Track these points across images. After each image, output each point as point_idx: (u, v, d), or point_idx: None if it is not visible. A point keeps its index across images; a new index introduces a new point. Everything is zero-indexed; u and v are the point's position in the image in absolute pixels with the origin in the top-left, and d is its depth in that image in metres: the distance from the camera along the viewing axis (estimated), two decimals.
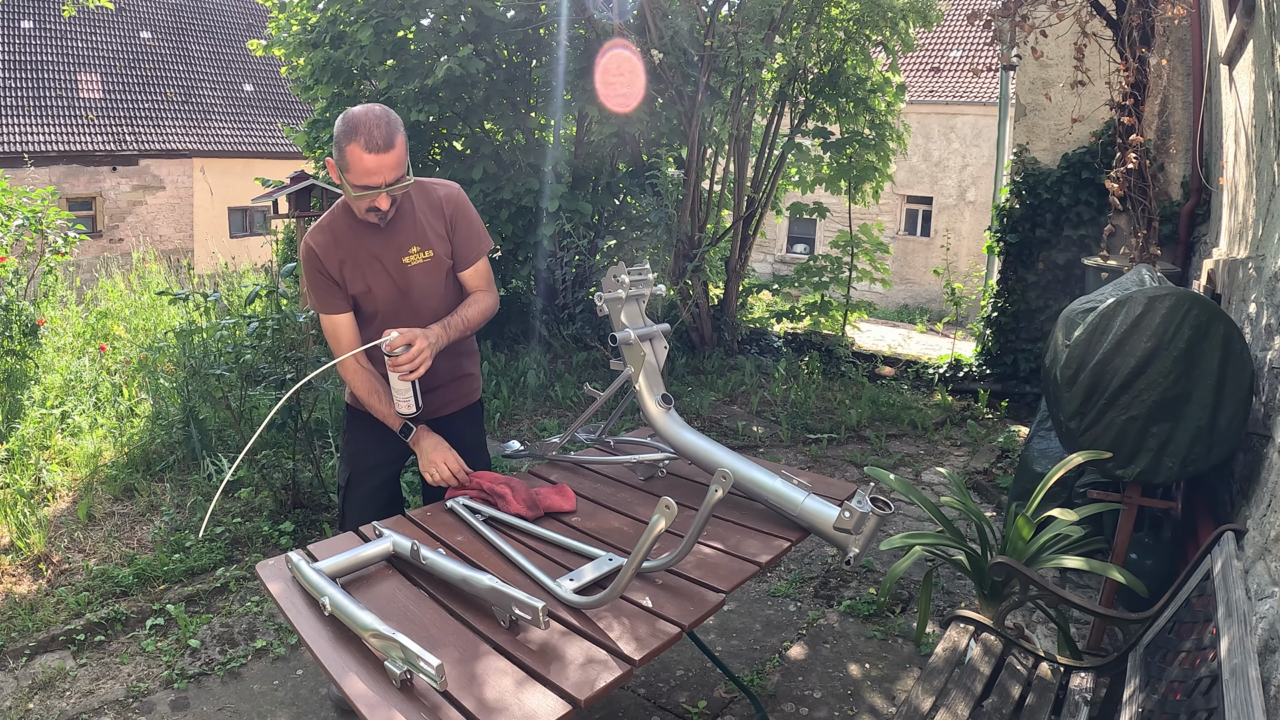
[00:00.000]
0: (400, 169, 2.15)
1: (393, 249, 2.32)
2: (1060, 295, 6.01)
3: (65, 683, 2.80)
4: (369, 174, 2.11)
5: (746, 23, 6.08)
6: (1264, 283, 2.73)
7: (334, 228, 2.32)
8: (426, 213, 2.35)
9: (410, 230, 2.33)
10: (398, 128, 2.14)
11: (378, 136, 2.09)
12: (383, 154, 2.09)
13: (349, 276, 2.33)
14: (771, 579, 3.65)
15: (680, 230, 6.58)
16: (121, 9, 16.58)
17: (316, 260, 2.31)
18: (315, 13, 6.87)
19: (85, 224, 13.58)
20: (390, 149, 2.10)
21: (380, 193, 2.14)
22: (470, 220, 2.42)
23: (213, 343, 4.73)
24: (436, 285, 2.40)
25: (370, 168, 2.10)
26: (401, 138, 2.14)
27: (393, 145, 2.10)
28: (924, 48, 17.64)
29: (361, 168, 2.10)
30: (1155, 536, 3.14)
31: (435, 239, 2.35)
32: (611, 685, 1.56)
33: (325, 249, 2.31)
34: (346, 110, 2.15)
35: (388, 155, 2.10)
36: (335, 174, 2.20)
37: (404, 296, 2.36)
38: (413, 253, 2.33)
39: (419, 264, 2.34)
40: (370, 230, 2.30)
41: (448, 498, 2.32)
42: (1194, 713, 1.62)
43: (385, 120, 2.11)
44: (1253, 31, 3.31)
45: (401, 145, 2.14)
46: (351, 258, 2.32)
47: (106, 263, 10.16)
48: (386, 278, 2.33)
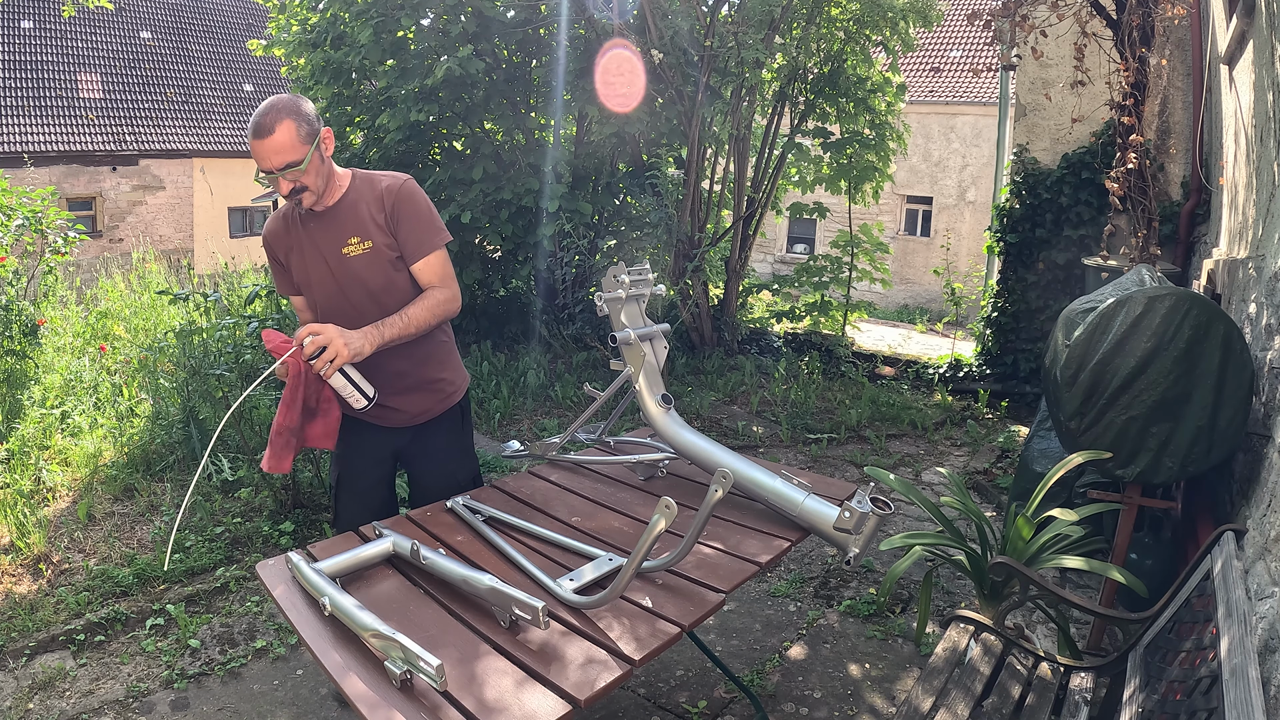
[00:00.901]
0: (287, 154, 2.14)
1: (332, 239, 2.33)
2: (1060, 295, 6.01)
3: (65, 683, 2.80)
4: (260, 158, 2.15)
5: (746, 23, 6.08)
6: (1264, 283, 2.73)
7: (286, 216, 2.39)
8: (369, 204, 2.33)
9: (350, 220, 2.32)
10: (289, 114, 2.14)
11: (262, 123, 2.12)
12: (264, 139, 2.12)
13: (294, 264, 2.39)
14: (771, 579, 3.65)
15: (680, 230, 6.58)
16: (121, 9, 16.58)
17: (268, 245, 2.43)
18: (315, 13, 6.87)
19: (85, 224, 13.58)
20: (270, 134, 2.12)
21: (276, 178, 2.18)
22: (416, 212, 2.34)
23: (213, 343, 4.73)
24: (377, 278, 2.33)
25: (256, 152, 2.15)
26: (289, 124, 2.13)
27: (273, 130, 2.11)
28: (924, 48, 17.64)
29: (252, 152, 2.16)
30: (1155, 536, 3.14)
31: (375, 229, 2.31)
32: (611, 685, 1.56)
33: (275, 235, 2.40)
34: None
35: (267, 140, 2.12)
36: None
37: (342, 289, 2.34)
38: (352, 243, 2.31)
39: (358, 255, 2.31)
40: (315, 220, 2.33)
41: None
42: (1194, 713, 1.61)
43: (279, 106, 2.15)
44: (1253, 31, 3.31)
45: (288, 131, 2.13)
46: (297, 245, 2.37)
47: (106, 263, 10.16)
48: (324, 268, 2.34)
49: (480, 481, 2.63)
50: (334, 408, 2.28)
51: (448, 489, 2.48)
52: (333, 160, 2.33)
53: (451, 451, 2.54)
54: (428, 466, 2.54)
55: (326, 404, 2.27)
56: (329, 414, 2.28)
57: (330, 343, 2.09)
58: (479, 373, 6.32)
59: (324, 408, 2.27)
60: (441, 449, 2.49)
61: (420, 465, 2.55)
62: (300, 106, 2.18)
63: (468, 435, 2.64)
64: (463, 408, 2.58)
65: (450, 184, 6.46)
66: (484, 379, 6.21)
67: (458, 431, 2.57)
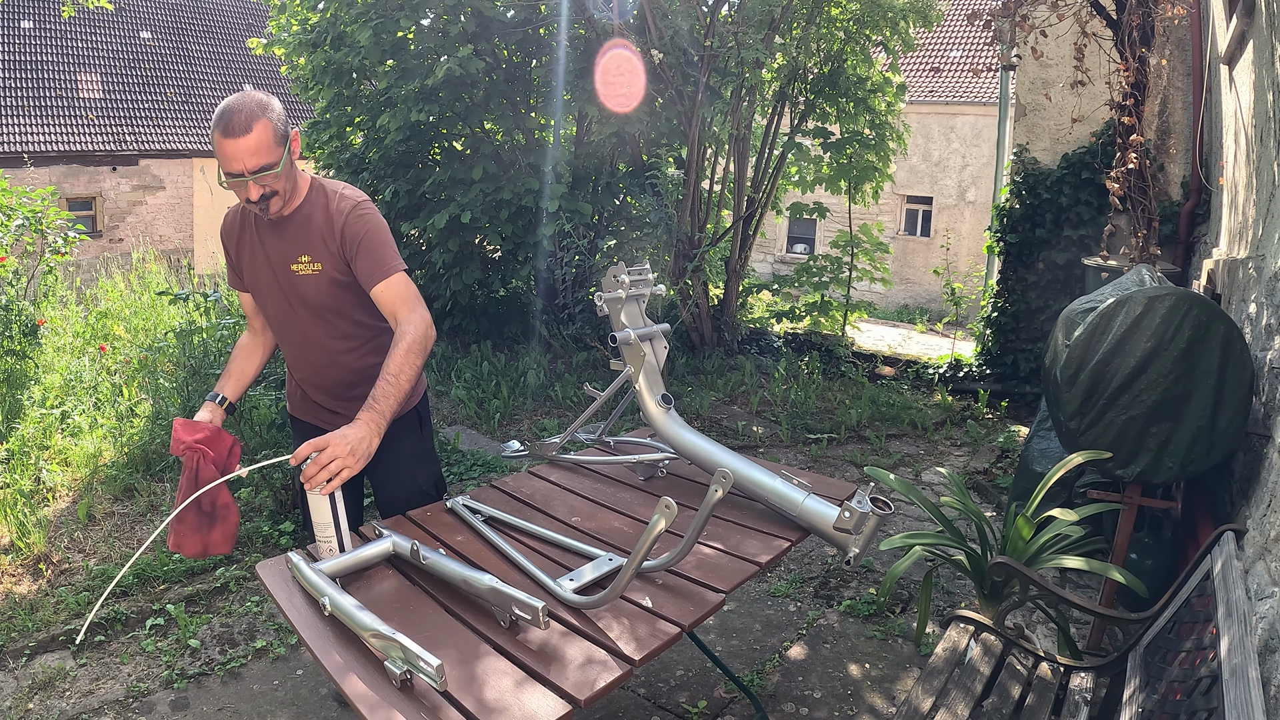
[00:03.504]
0: (263, 156, 1.99)
1: (283, 253, 2.19)
2: (1060, 295, 6.01)
3: (65, 683, 2.80)
4: (228, 159, 1.99)
5: (746, 23, 6.08)
6: (1264, 283, 2.73)
7: (243, 212, 2.25)
8: (323, 222, 2.17)
9: (302, 236, 2.17)
10: (264, 113, 1.99)
11: (236, 121, 1.96)
12: (239, 138, 1.96)
13: (244, 266, 2.30)
14: (771, 579, 3.65)
15: (680, 230, 6.58)
16: (121, 9, 16.57)
17: (223, 236, 2.32)
18: (315, 13, 6.88)
19: (85, 224, 13.59)
20: (247, 133, 1.96)
21: (244, 181, 2.01)
22: (369, 238, 2.15)
23: (213, 343, 4.73)
24: (326, 299, 2.21)
25: (227, 153, 1.98)
26: (266, 123, 1.98)
27: (249, 130, 1.96)
28: (924, 48, 17.63)
29: (221, 153, 1.99)
30: (1155, 536, 3.14)
31: (325, 253, 2.17)
32: (611, 685, 1.56)
33: (229, 231, 2.29)
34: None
35: (244, 140, 1.96)
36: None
37: (290, 306, 2.23)
38: (302, 261, 2.18)
39: (307, 275, 2.18)
40: (268, 228, 2.19)
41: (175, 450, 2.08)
42: (1194, 713, 1.61)
43: (251, 104, 1.99)
44: (1253, 31, 3.31)
45: (264, 131, 1.98)
46: (249, 249, 2.25)
47: (106, 263, 10.16)
48: (273, 281, 2.23)
49: (443, 485, 2.56)
50: (231, 513, 2.08)
51: (409, 494, 2.42)
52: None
53: (411, 456, 2.45)
54: (389, 474, 2.45)
55: (224, 510, 2.08)
56: (227, 519, 2.08)
57: (336, 458, 1.84)
58: (479, 373, 6.32)
59: (221, 513, 2.07)
60: (401, 454, 2.40)
61: (382, 472, 2.44)
62: (272, 104, 2.04)
63: (427, 439, 2.55)
64: (420, 412, 2.50)
65: (450, 184, 6.46)
66: (484, 379, 6.21)
67: (416, 435, 2.48)
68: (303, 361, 2.34)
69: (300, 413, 2.47)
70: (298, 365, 2.37)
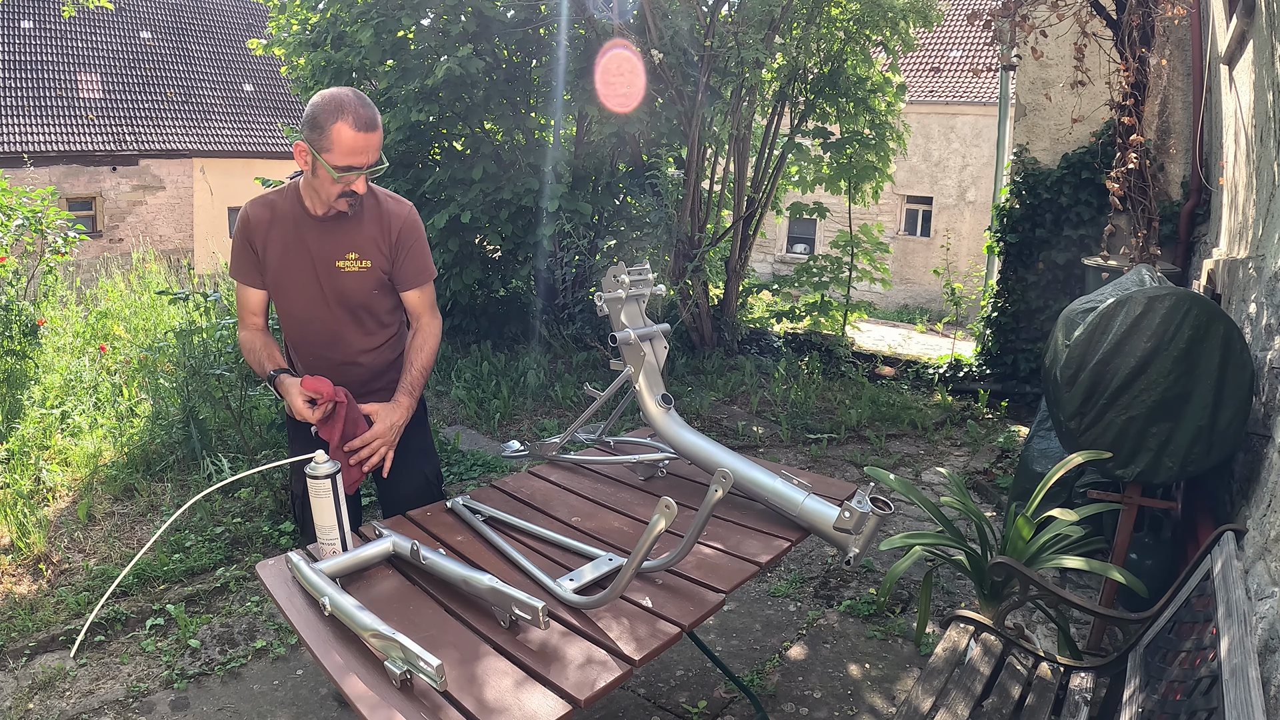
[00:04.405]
0: (378, 153, 2.14)
1: (329, 249, 2.25)
2: (1060, 295, 6.01)
3: (65, 683, 2.80)
4: (354, 153, 2.07)
5: (746, 23, 6.08)
6: (1264, 283, 2.73)
7: (275, 207, 2.26)
8: (374, 221, 2.28)
9: (353, 234, 2.26)
10: (379, 114, 2.14)
11: (365, 115, 2.07)
12: (370, 133, 2.08)
13: (271, 260, 2.26)
14: (771, 579, 3.65)
15: (680, 230, 6.58)
16: (121, 9, 16.58)
17: (248, 229, 2.27)
18: (315, 13, 6.88)
19: (85, 224, 13.59)
20: (375, 129, 2.10)
21: (360, 174, 2.12)
22: (418, 244, 2.35)
23: (213, 343, 4.73)
24: (365, 296, 2.32)
25: (357, 146, 2.07)
26: (380, 120, 2.14)
27: (377, 127, 2.10)
28: (924, 48, 17.63)
29: (348, 146, 2.06)
30: (1155, 536, 3.14)
31: (376, 251, 2.28)
32: (611, 685, 1.56)
33: (259, 222, 2.25)
34: (321, 92, 2.11)
35: (374, 135, 2.09)
36: (303, 158, 2.14)
37: (324, 300, 2.29)
38: (349, 258, 2.26)
39: (353, 271, 2.27)
40: (312, 223, 2.24)
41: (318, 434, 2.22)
42: (1194, 713, 1.61)
43: (368, 101, 2.11)
44: (1253, 31, 3.31)
45: (381, 130, 2.14)
46: (281, 242, 2.25)
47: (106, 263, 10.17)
48: (311, 276, 2.26)
49: (441, 478, 2.60)
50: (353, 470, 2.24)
51: (416, 488, 2.46)
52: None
53: (417, 450, 2.49)
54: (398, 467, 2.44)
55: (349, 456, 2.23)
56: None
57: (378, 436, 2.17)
58: (479, 373, 6.32)
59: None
60: (409, 447, 2.42)
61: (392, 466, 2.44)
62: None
63: (428, 432, 2.61)
64: (422, 404, 2.55)
65: (450, 184, 6.46)
66: (484, 379, 6.21)
67: (421, 429, 2.54)
68: (321, 359, 2.34)
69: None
70: (315, 363, 2.35)
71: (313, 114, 2.08)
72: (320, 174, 2.12)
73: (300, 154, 2.13)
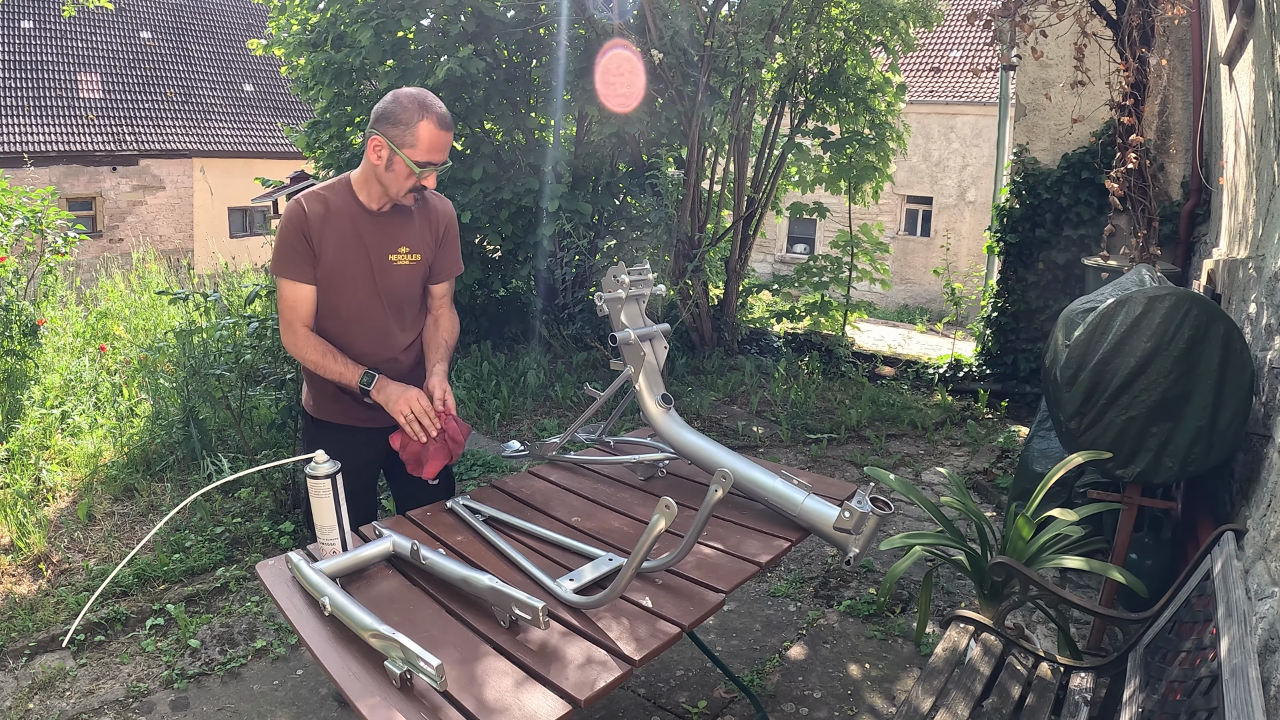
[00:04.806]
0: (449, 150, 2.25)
1: (383, 243, 2.30)
2: (1060, 295, 6.01)
3: (65, 683, 2.80)
4: (434, 150, 2.17)
5: (746, 23, 6.08)
6: (1264, 283, 2.73)
7: (330, 202, 2.27)
8: (421, 215, 2.37)
9: (405, 228, 2.33)
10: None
11: (446, 115, 2.20)
12: (448, 131, 2.20)
13: (328, 254, 2.26)
14: (771, 579, 3.65)
15: (680, 230, 6.58)
16: (121, 9, 16.58)
17: (303, 223, 2.22)
18: (315, 13, 6.87)
19: (85, 224, 13.59)
20: (451, 129, 2.22)
21: (434, 170, 2.20)
22: (456, 238, 2.48)
23: (213, 343, 4.73)
24: (411, 290, 2.39)
25: (438, 143, 2.17)
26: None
27: (452, 126, 2.22)
28: (924, 48, 17.63)
29: (432, 142, 2.16)
30: (1155, 536, 3.14)
31: (424, 244, 2.37)
32: (611, 685, 1.56)
33: (315, 217, 2.24)
34: (396, 92, 2.20)
35: (450, 134, 2.22)
36: (377, 153, 2.17)
37: (376, 294, 2.32)
38: (401, 252, 2.32)
39: (404, 265, 2.34)
40: (368, 218, 2.27)
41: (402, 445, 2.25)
42: (1194, 713, 1.61)
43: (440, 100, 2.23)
44: (1253, 31, 3.31)
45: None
46: (337, 237, 2.25)
47: (106, 263, 10.17)
48: (366, 270, 2.29)
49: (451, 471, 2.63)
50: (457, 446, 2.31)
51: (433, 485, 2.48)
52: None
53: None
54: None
55: (453, 440, 2.31)
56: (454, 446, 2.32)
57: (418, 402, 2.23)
58: (479, 373, 6.32)
59: (451, 443, 2.30)
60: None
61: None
62: None
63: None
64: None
65: (450, 184, 6.46)
66: (484, 379, 6.21)
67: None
68: (364, 356, 2.34)
69: (330, 414, 2.43)
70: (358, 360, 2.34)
71: (393, 110, 2.15)
72: (396, 168, 2.18)
73: (375, 148, 2.18)
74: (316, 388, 2.43)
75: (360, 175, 2.27)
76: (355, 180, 2.28)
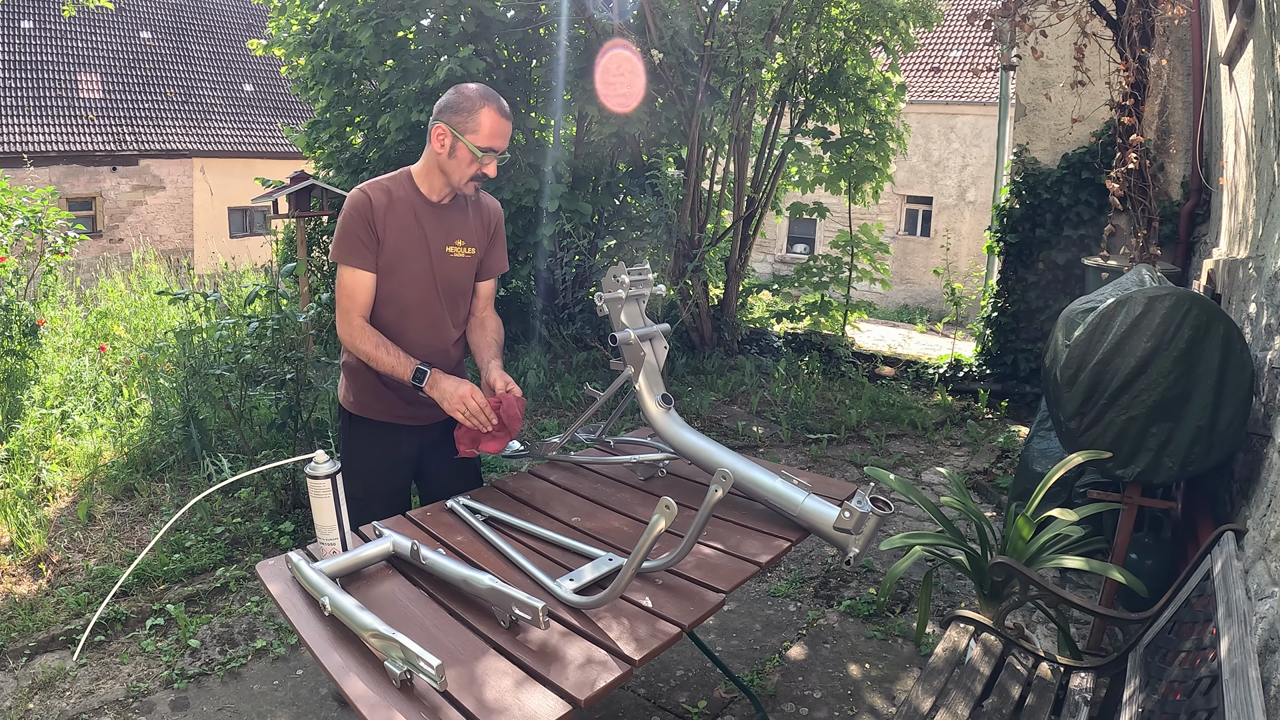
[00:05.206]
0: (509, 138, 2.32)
1: (442, 234, 2.35)
2: (1060, 295, 6.01)
3: (65, 683, 2.80)
4: (497, 137, 2.25)
5: (746, 23, 6.08)
6: (1264, 283, 2.73)
7: (393, 192, 2.30)
8: (474, 209, 2.44)
9: (464, 223, 2.40)
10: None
11: (505, 105, 2.28)
12: (508, 120, 2.29)
13: (391, 244, 2.28)
14: (771, 579, 3.65)
15: (680, 230, 6.58)
16: (121, 9, 16.58)
17: (369, 211, 2.25)
18: (315, 13, 6.87)
19: (85, 224, 13.59)
20: (511, 119, 2.29)
21: (495, 158, 2.27)
22: (504, 237, 2.56)
23: (213, 343, 4.73)
24: (465, 283, 2.45)
25: (499, 130, 2.25)
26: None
27: (511, 116, 2.30)
28: (924, 48, 17.64)
29: (493, 128, 2.24)
30: (1155, 536, 3.14)
31: (476, 238, 2.44)
32: (611, 685, 1.56)
33: (380, 206, 2.27)
34: (459, 86, 2.31)
35: (510, 123, 2.30)
36: (441, 140, 2.25)
37: (434, 285, 2.37)
38: (458, 245, 2.38)
39: (460, 258, 2.40)
40: (429, 209, 2.33)
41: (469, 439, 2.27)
42: (1194, 713, 1.61)
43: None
44: (1253, 31, 3.31)
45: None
46: (399, 226, 2.29)
47: (106, 263, 10.16)
48: (426, 261, 2.33)
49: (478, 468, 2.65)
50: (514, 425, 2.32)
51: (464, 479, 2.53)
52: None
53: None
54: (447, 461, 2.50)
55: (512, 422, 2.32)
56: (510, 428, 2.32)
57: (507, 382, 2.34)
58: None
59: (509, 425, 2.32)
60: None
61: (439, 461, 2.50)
62: None
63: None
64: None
65: None
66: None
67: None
68: (418, 348, 2.36)
69: (371, 411, 2.42)
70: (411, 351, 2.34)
71: (456, 100, 2.27)
72: (459, 155, 2.25)
73: (439, 136, 2.26)
74: (359, 384, 2.42)
75: (422, 166, 2.34)
76: (416, 172, 2.34)
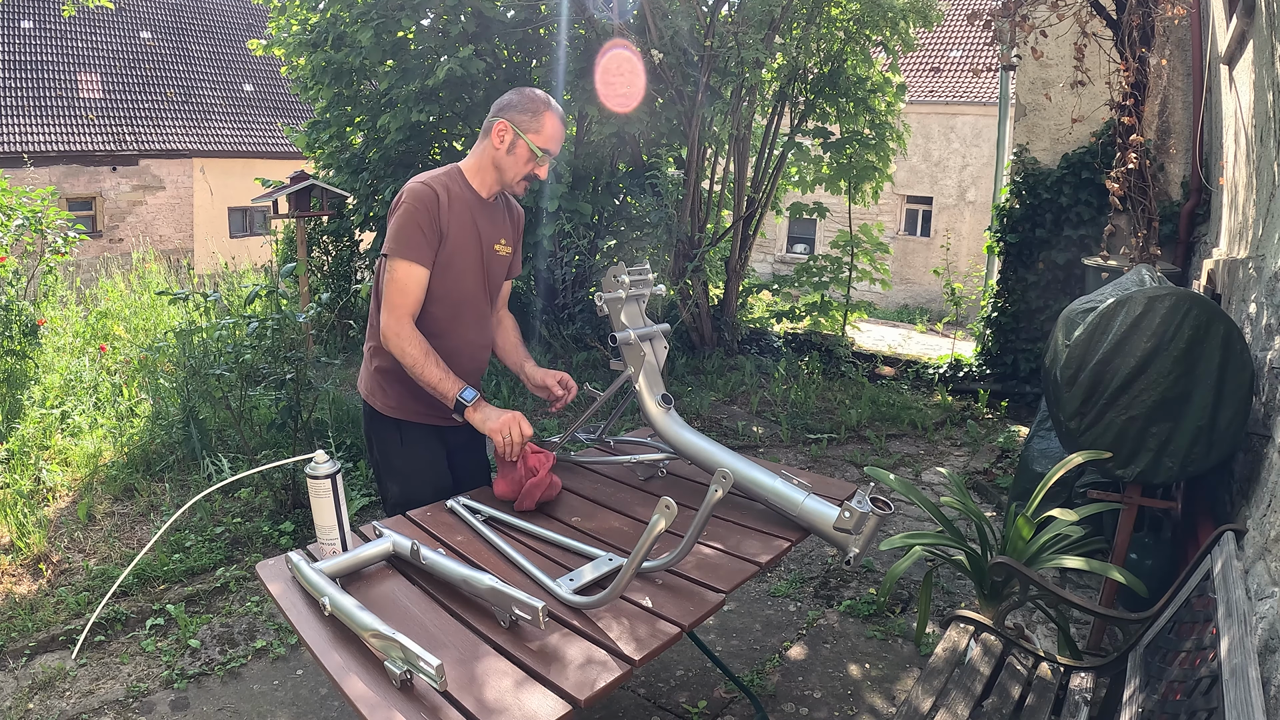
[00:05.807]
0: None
1: (491, 232, 2.40)
2: (1060, 295, 6.01)
3: (65, 683, 2.80)
4: (555, 140, 2.31)
5: (746, 23, 6.08)
6: (1264, 283, 2.73)
7: (450, 190, 2.28)
8: (507, 210, 2.50)
9: (503, 221, 2.46)
10: None
11: (563, 112, 2.32)
12: (565, 129, 2.35)
13: (450, 239, 2.28)
14: (771, 579, 3.65)
15: (680, 230, 6.58)
16: (121, 9, 16.58)
17: (434, 206, 2.23)
18: (315, 13, 6.88)
19: (85, 224, 13.59)
20: (565, 123, 2.37)
21: (548, 160, 2.33)
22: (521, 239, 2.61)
23: (213, 343, 4.73)
24: (501, 281, 2.51)
25: (557, 134, 2.31)
26: None
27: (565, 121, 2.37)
28: (924, 48, 17.63)
29: (553, 132, 2.30)
30: (1155, 536, 3.14)
31: (514, 240, 2.51)
32: (611, 685, 1.56)
33: (444, 201, 2.25)
34: (521, 88, 2.33)
35: (565, 132, 2.35)
36: (501, 136, 2.28)
37: (483, 284, 2.42)
38: (501, 244, 2.44)
39: (502, 255, 2.46)
40: (482, 206, 2.36)
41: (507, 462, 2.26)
42: (1194, 713, 1.61)
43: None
44: (1253, 31, 3.31)
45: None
46: (459, 222, 2.30)
47: (106, 263, 10.16)
48: (477, 258, 2.37)
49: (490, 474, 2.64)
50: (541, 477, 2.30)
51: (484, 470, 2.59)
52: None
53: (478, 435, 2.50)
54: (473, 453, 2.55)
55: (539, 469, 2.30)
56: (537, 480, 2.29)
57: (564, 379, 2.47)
58: None
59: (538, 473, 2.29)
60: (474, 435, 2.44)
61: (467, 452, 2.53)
62: None
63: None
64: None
65: None
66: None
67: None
68: (465, 343, 2.38)
69: (409, 414, 2.39)
70: (458, 347, 2.35)
71: (521, 100, 2.30)
72: (518, 152, 2.29)
73: (500, 132, 2.28)
74: (401, 387, 2.36)
75: (474, 163, 2.35)
76: (468, 168, 2.36)
